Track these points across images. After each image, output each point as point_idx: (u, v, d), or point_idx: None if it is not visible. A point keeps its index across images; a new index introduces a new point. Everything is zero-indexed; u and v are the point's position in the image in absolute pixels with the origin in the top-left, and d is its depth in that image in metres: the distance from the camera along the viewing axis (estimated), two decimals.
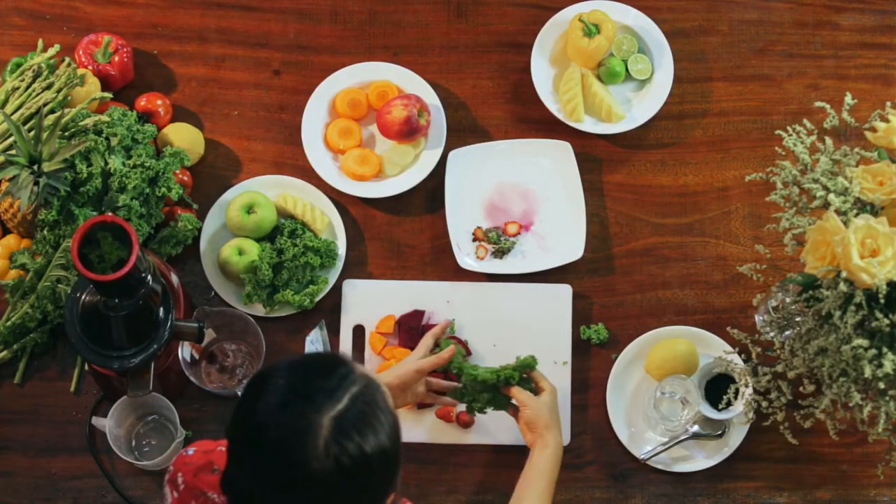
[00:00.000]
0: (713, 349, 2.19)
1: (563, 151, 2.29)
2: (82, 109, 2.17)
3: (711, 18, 2.39)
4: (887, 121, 1.86)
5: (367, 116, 2.33)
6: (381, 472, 1.49)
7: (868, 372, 1.76)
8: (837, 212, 1.80)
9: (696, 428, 2.16)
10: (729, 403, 2.10)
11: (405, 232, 2.28)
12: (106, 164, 2.14)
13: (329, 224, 2.26)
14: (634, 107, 2.32)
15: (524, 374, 2.07)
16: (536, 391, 2.07)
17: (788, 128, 1.95)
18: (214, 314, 2.10)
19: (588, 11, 2.32)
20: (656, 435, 2.18)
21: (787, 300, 2.05)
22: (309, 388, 1.45)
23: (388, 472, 1.51)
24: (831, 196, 1.81)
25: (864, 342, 1.76)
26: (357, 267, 2.26)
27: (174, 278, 2.06)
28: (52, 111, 2.16)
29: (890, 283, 1.75)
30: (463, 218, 2.27)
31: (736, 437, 2.17)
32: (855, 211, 1.81)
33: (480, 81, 2.36)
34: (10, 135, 2.10)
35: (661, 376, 2.16)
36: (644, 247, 2.28)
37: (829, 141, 1.92)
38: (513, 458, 2.18)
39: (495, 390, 2.06)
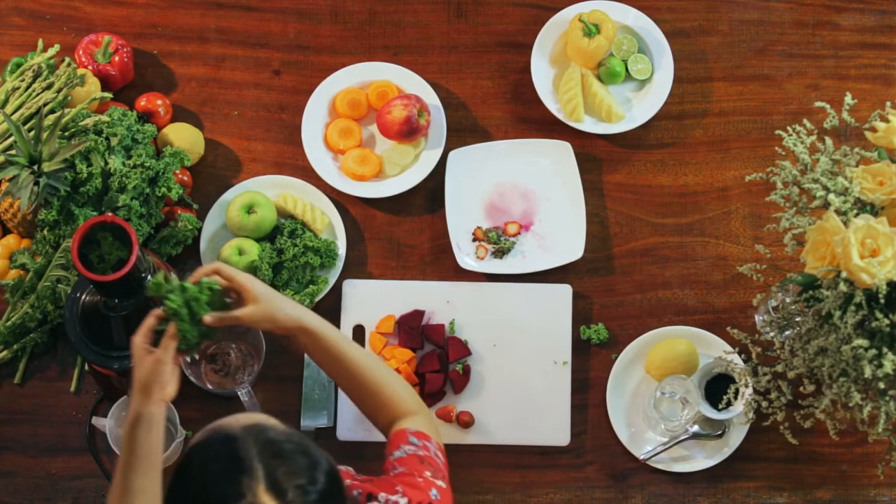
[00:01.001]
0: (713, 349, 2.19)
1: (563, 151, 2.29)
2: (82, 109, 2.17)
3: (711, 18, 2.39)
4: (887, 121, 1.86)
5: (367, 116, 2.33)
6: (336, 483, 1.48)
7: (868, 372, 1.76)
8: (837, 212, 1.80)
9: (696, 428, 2.16)
10: (729, 403, 2.10)
11: (405, 232, 2.28)
12: (106, 164, 2.14)
13: (329, 224, 2.26)
14: (634, 107, 2.32)
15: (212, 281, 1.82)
16: (240, 297, 1.83)
17: (788, 128, 1.95)
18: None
19: (588, 11, 2.32)
20: (656, 435, 2.18)
21: (787, 300, 2.05)
22: (224, 481, 1.42)
23: (338, 479, 1.49)
24: (831, 196, 1.81)
25: (864, 342, 1.76)
26: (357, 267, 2.26)
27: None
28: (52, 111, 2.16)
29: (890, 283, 1.75)
30: (463, 218, 2.27)
31: (736, 437, 2.17)
32: (855, 211, 1.81)
33: (480, 81, 2.36)
34: (10, 135, 2.10)
35: (661, 376, 2.16)
36: (644, 247, 2.28)
37: (829, 141, 1.92)
38: (512, 458, 2.18)
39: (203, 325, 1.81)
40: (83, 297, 1.96)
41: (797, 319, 1.96)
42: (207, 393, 2.14)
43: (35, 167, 2.04)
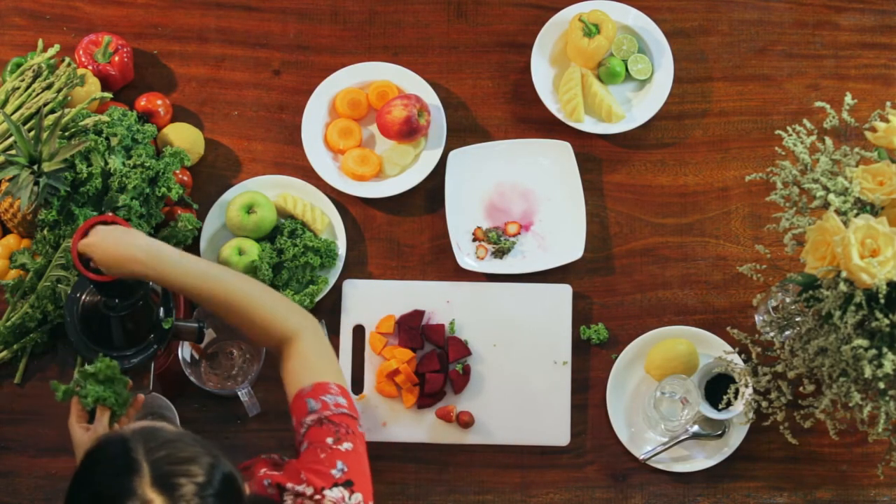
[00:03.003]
0: (713, 349, 2.19)
1: (563, 151, 2.29)
2: (82, 109, 2.17)
3: (711, 18, 2.39)
4: (887, 121, 1.86)
5: (367, 116, 2.33)
6: (232, 483, 1.48)
7: (868, 372, 1.76)
8: (837, 212, 1.80)
9: (696, 428, 2.16)
10: (729, 403, 2.10)
11: (405, 232, 2.28)
12: (106, 164, 2.14)
13: (329, 224, 2.26)
14: (634, 107, 2.32)
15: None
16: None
17: (788, 128, 1.95)
18: (214, 314, 2.09)
19: (588, 11, 2.32)
20: (656, 435, 2.18)
21: (787, 300, 2.05)
22: (113, 483, 1.44)
23: (234, 480, 1.49)
24: (831, 196, 1.81)
25: (864, 342, 1.76)
26: (357, 267, 2.26)
27: None
28: (52, 111, 2.16)
29: (890, 283, 1.75)
30: (463, 218, 2.27)
31: (736, 437, 2.17)
32: (855, 211, 1.81)
33: (480, 81, 2.36)
34: (10, 135, 2.10)
35: (661, 376, 2.16)
36: (644, 247, 2.28)
37: (829, 141, 1.92)
38: (513, 458, 2.18)
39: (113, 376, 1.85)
40: (83, 297, 1.95)
41: (797, 319, 1.96)
42: (207, 393, 2.14)
43: (35, 167, 2.04)
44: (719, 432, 2.17)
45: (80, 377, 1.83)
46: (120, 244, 1.76)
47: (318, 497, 1.64)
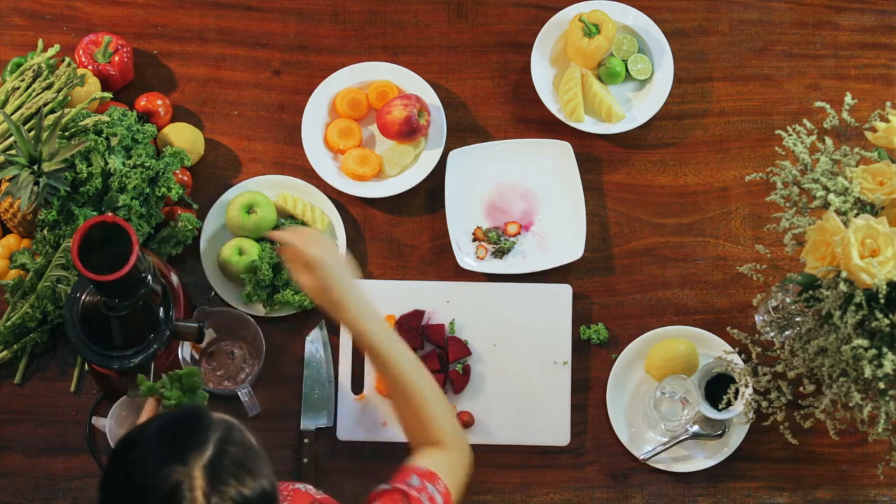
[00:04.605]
0: (713, 349, 2.19)
1: (563, 151, 2.29)
2: (82, 109, 2.17)
3: (711, 18, 2.39)
4: (887, 121, 1.86)
5: (367, 116, 2.33)
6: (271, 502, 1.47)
7: (868, 372, 1.76)
8: (837, 212, 1.80)
9: (696, 428, 2.16)
10: (729, 403, 2.10)
11: (405, 232, 2.28)
12: (106, 164, 2.14)
13: (329, 224, 2.26)
14: (634, 107, 2.32)
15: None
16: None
17: (788, 128, 1.95)
18: (214, 314, 2.10)
19: (588, 11, 2.32)
20: (656, 435, 2.18)
21: (787, 300, 2.05)
22: (173, 444, 1.43)
23: (275, 502, 1.48)
24: (831, 196, 1.81)
25: (864, 342, 1.76)
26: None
27: (174, 278, 2.06)
28: (52, 111, 2.16)
29: (890, 283, 1.75)
30: (463, 218, 2.28)
31: (736, 437, 2.17)
32: (855, 211, 1.81)
33: (480, 81, 2.36)
34: (10, 135, 2.10)
35: (661, 376, 2.16)
36: (644, 247, 2.28)
37: (829, 141, 1.92)
38: (513, 458, 2.18)
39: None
40: (83, 297, 1.95)
41: (797, 319, 1.96)
42: (207, 393, 2.13)
43: (35, 167, 2.04)
44: (719, 432, 2.17)
45: (167, 379, 1.81)
46: (338, 287, 1.79)
47: None
